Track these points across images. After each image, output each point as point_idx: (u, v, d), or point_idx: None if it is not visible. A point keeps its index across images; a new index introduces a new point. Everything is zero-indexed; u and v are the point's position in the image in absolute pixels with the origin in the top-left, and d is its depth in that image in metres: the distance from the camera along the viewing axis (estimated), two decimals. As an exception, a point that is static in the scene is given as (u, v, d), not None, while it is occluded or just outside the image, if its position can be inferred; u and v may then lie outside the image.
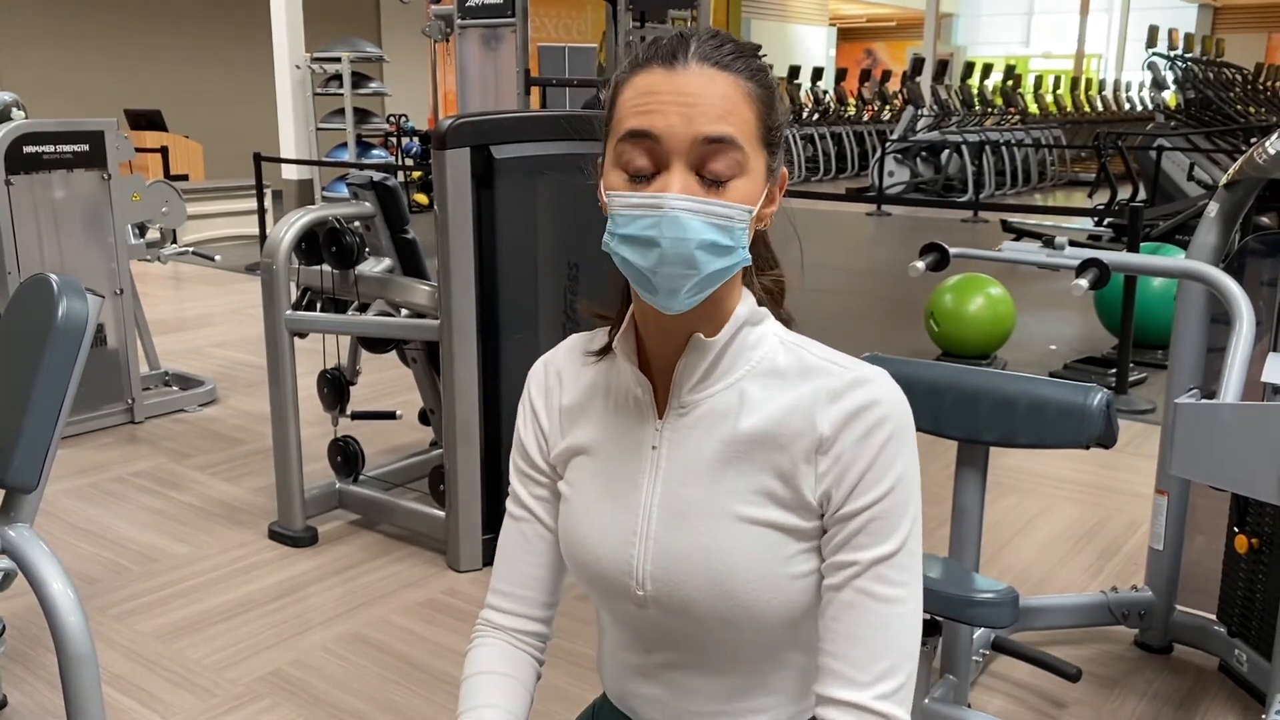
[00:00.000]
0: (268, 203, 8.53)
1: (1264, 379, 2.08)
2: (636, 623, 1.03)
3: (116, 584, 3.05)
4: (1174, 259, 2.42)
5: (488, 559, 3.11)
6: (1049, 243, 2.42)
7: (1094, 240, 7.85)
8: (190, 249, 4.92)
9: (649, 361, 1.02)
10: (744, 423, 0.97)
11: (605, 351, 1.05)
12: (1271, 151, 2.30)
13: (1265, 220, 4.50)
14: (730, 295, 0.99)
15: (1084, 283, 2.27)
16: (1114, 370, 4.90)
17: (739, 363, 0.99)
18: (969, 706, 2.32)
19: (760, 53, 0.97)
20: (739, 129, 0.90)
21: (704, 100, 0.89)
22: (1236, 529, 2.47)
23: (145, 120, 11.27)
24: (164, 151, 9.62)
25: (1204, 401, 2.02)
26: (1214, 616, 2.61)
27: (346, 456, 3.49)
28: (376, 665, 2.62)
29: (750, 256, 0.95)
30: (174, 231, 4.79)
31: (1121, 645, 2.70)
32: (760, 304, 1.02)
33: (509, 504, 1.14)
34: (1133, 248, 4.67)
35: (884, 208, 11.89)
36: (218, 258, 5.09)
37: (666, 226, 0.89)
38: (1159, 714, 2.41)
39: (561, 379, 1.09)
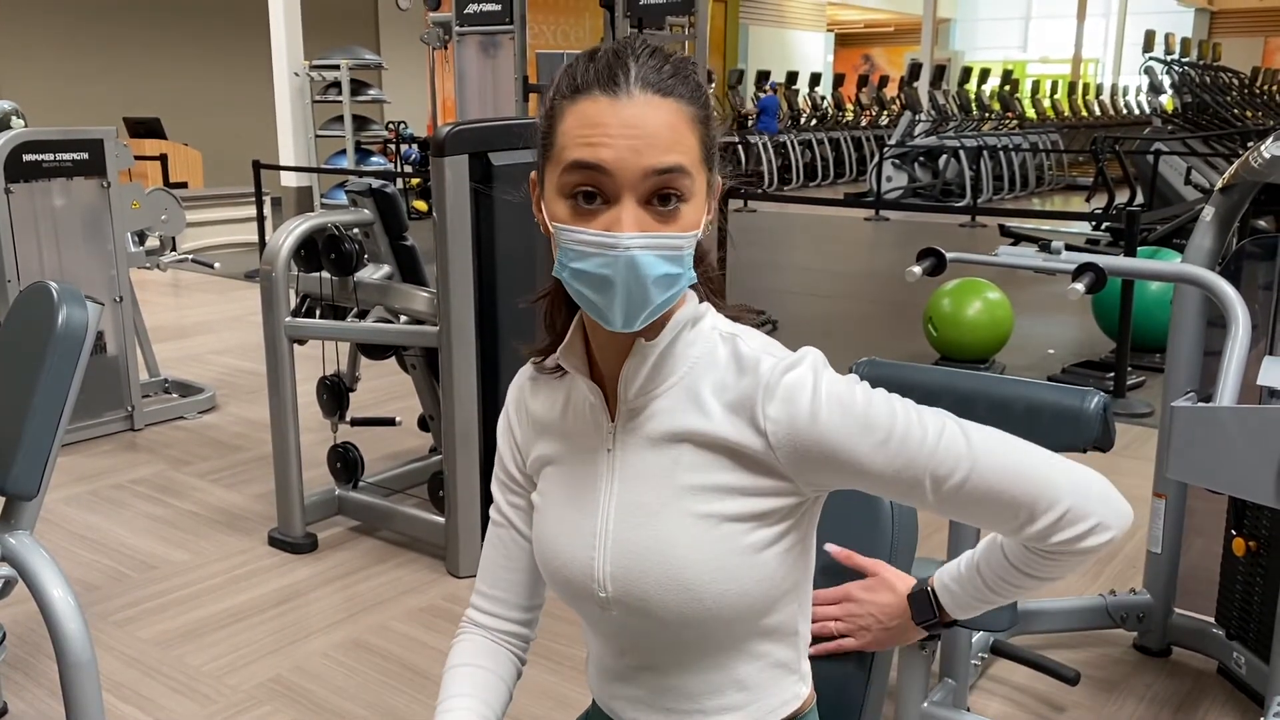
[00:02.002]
0: (267, 210, 8.54)
1: (1260, 382, 2.09)
2: (605, 626, 1.06)
3: (116, 591, 3.05)
4: (1169, 263, 2.43)
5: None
6: (1045, 247, 2.43)
7: (1092, 244, 7.87)
8: (189, 256, 4.93)
9: (599, 369, 1.04)
10: (689, 420, 0.99)
11: (556, 369, 1.07)
12: (1266, 156, 2.31)
13: (1263, 224, 4.52)
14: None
15: (1080, 287, 2.28)
16: (1112, 374, 4.91)
17: (680, 363, 1.00)
18: (968, 710, 2.33)
19: (693, 66, 0.98)
20: (685, 156, 0.91)
21: (652, 131, 0.90)
22: (1234, 532, 2.48)
23: (144, 128, 11.28)
24: (163, 159, 9.62)
25: (1200, 405, 2.02)
26: (1212, 619, 2.61)
27: (346, 463, 3.49)
28: (377, 671, 2.62)
29: (695, 275, 0.96)
30: (173, 239, 4.80)
31: (1120, 648, 2.70)
32: (701, 300, 1.03)
33: (491, 510, 1.17)
34: (1130, 252, 4.68)
35: (882, 212, 11.90)
36: (217, 265, 5.10)
37: (622, 266, 0.90)
38: (1158, 717, 2.41)
39: (530, 390, 1.12)
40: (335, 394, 3.51)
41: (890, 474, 0.95)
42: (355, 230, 3.30)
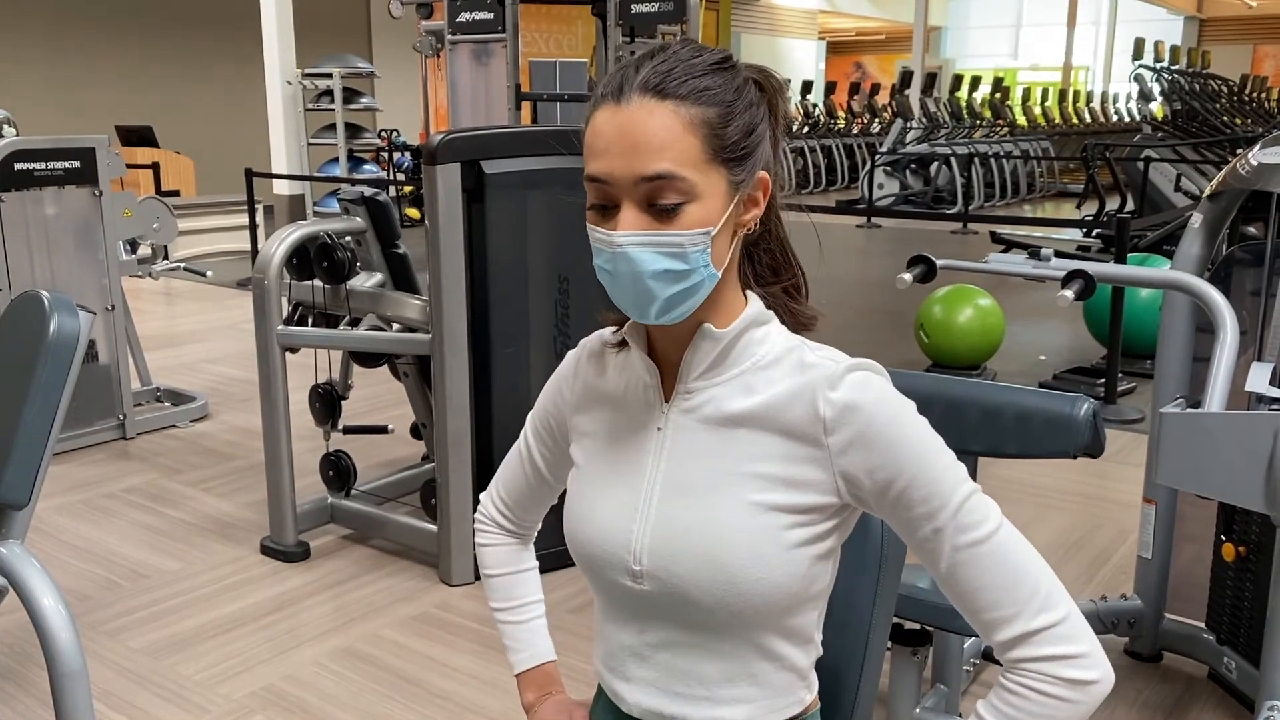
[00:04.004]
0: (259, 218, 8.54)
1: (1248, 388, 2.10)
2: (631, 600, 1.07)
3: (108, 600, 3.04)
4: (1158, 270, 2.44)
5: (480, 573, 3.11)
6: (1035, 254, 2.44)
7: (1082, 251, 7.90)
8: (182, 265, 4.93)
9: (658, 351, 1.08)
10: (747, 404, 1.02)
11: (622, 343, 1.11)
12: (1253, 163, 2.33)
13: (1252, 230, 4.55)
14: (730, 296, 1.04)
15: (1069, 294, 2.30)
16: (1103, 380, 4.93)
17: (744, 357, 1.04)
18: (960, 716, 2.33)
19: (725, 63, 0.98)
20: (679, 160, 0.94)
21: (641, 138, 0.94)
22: (1224, 537, 2.49)
23: (136, 136, 11.27)
24: (155, 167, 9.61)
25: (1189, 411, 2.04)
26: (1203, 624, 2.62)
27: (338, 471, 3.49)
28: (369, 680, 2.62)
29: (716, 273, 0.99)
30: (165, 247, 4.79)
31: (1111, 654, 2.68)
32: (769, 308, 1.07)
33: (521, 437, 1.26)
34: (1120, 258, 4.71)
35: (874, 220, 11.94)
36: (209, 273, 5.09)
37: (619, 261, 0.96)
38: (1149, 722, 2.42)
39: (587, 360, 1.16)
40: (327, 402, 3.51)
41: (921, 498, 0.96)
42: (348, 238, 3.31)
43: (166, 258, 4.81)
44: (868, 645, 1.25)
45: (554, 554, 1.42)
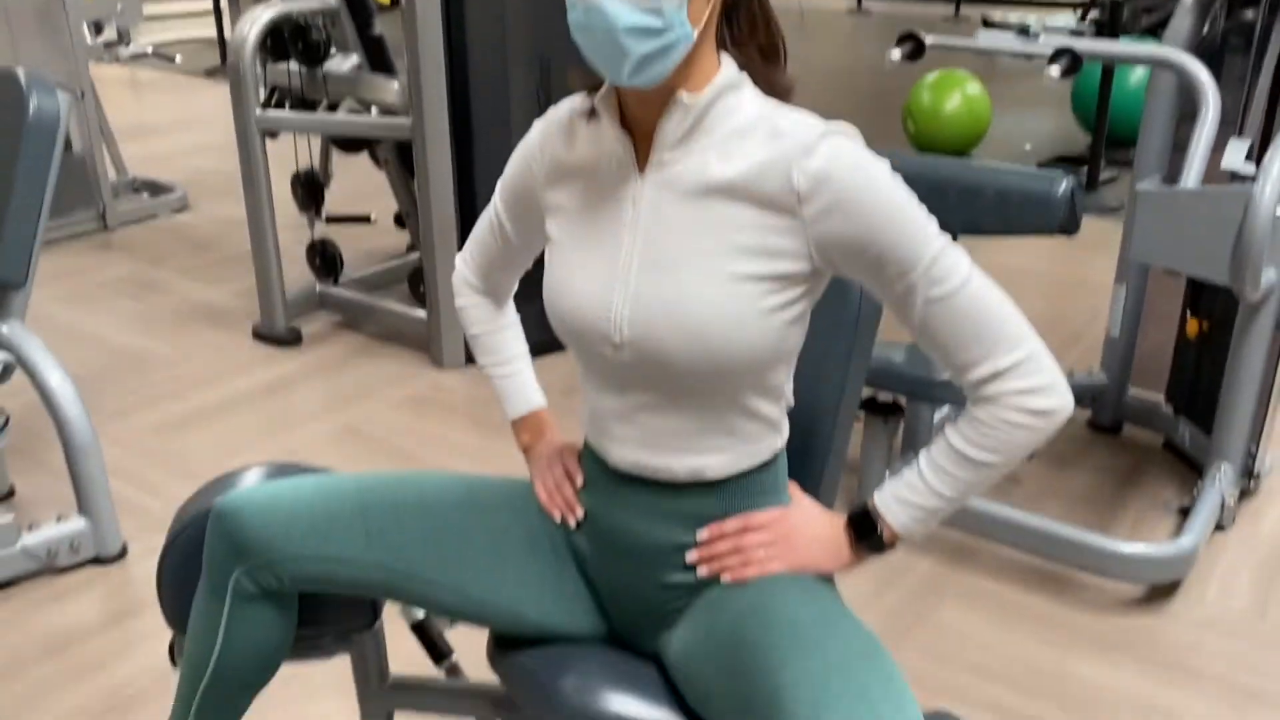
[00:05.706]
0: (223, 2, 8.16)
1: (1224, 164, 2.13)
2: (613, 368, 1.12)
3: (107, 384, 3.12)
4: (1144, 45, 2.42)
5: (471, 356, 3.20)
6: (1024, 31, 2.41)
7: (1076, 36, 7.70)
8: (150, 49, 4.76)
9: (630, 121, 1.08)
10: (722, 173, 1.04)
11: (592, 112, 1.11)
12: (1252, -66, 2.27)
13: (1249, 15, 4.44)
14: (704, 60, 1.04)
15: (1056, 70, 2.28)
16: (1087, 167, 4.93)
17: (717, 125, 1.05)
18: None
19: None
20: None
21: None
22: (1189, 313, 2.58)
23: (85, -87, 10.61)
24: (109, -53, 9.11)
25: (1165, 188, 2.08)
26: (1163, 397, 2.75)
27: (325, 258, 3.51)
28: (369, 452, 2.74)
29: (691, 33, 0.99)
30: (128, 31, 4.62)
31: (1075, 426, 2.85)
32: (741, 69, 1.07)
33: (491, 205, 1.29)
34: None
35: (864, 5, 11.53)
36: (178, 58, 4.93)
37: (594, 15, 0.97)
38: (1104, 485, 2.58)
39: (558, 132, 1.16)
40: (310, 188, 3.50)
41: (894, 258, 1.00)
42: (320, 19, 3.20)
43: (129, 43, 4.64)
44: (841, 400, 1.32)
45: (542, 342, 1.47)
